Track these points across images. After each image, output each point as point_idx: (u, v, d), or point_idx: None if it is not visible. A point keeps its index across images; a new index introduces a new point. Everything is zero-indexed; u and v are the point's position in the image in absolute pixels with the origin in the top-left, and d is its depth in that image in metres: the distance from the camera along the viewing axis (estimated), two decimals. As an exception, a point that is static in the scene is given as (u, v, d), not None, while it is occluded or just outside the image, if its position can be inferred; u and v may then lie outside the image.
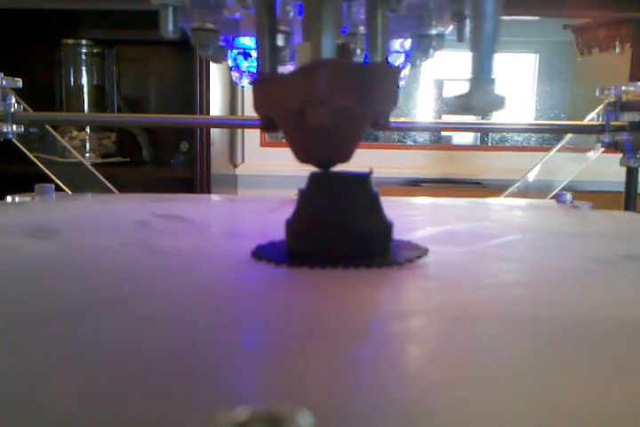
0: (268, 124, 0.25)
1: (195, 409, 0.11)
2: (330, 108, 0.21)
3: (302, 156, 0.24)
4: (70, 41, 1.28)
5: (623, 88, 0.58)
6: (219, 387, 0.12)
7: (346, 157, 0.24)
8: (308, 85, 0.21)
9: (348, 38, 0.30)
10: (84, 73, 1.31)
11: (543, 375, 0.13)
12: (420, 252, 0.25)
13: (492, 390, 0.12)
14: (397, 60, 0.35)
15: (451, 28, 0.30)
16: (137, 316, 0.17)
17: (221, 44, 0.33)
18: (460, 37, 0.27)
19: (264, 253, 0.25)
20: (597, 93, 0.60)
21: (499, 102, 0.18)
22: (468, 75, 0.18)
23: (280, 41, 0.30)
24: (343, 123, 0.22)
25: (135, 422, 0.11)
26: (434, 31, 0.30)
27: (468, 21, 0.26)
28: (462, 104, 0.18)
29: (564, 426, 0.11)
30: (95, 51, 1.31)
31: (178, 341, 0.15)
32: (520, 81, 1.72)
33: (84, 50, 1.30)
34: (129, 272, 0.23)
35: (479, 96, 0.18)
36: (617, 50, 1.43)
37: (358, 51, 0.30)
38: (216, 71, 1.23)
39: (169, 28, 0.27)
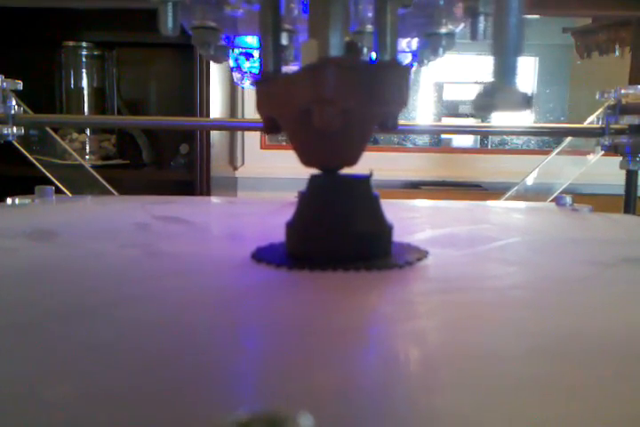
0: (270, 126, 0.24)
1: (195, 411, 0.11)
2: (337, 108, 0.20)
3: (307, 159, 0.23)
4: (71, 43, 1.29)
5: (623, 91, 0.58)
6: (219, 389, 0.12)
7: (352, 161, 0.23)
8: (315, 84, 0.20)
9: (356, 37, 0.29)
10: (84, 75, 1.31)
11: (543, 377, 0.13)
12: (420, 254, 0.25)
13: (492, 393, 0.12)
14: (405, 59, 0.34)
15: (461, 26, 0.28)
16: (137, 317, 0.17)
17: (223, 43, 0.32)
18: (474, 36, 0.26)
19: (264, 255, 0.25)
20: (597, 96, 0.60)
21: (525, 102, 0.17)
22: (490, 74, 0.17)
23: (284, 40, 0.28)
24: (350, 124, 0.21)
25: (135, 423, 0.11)
26: (444, 30, 0.29)
27: (482, 18, 0.25)
28: (485, 104, 0.17)
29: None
30: (95, 53, 1.31)
31: (178, 342, 0.15)
32: (520, 84, 1.72)
33: (84, 52, 1.30)
34: (129, 274, 0.23)
35: (503, 96, 0.17)
36: (617, 53, 1.43)
37: (366, 49, 0.29)
38: (216, 73, 1.24)
39: (169, 25, 0.25)
